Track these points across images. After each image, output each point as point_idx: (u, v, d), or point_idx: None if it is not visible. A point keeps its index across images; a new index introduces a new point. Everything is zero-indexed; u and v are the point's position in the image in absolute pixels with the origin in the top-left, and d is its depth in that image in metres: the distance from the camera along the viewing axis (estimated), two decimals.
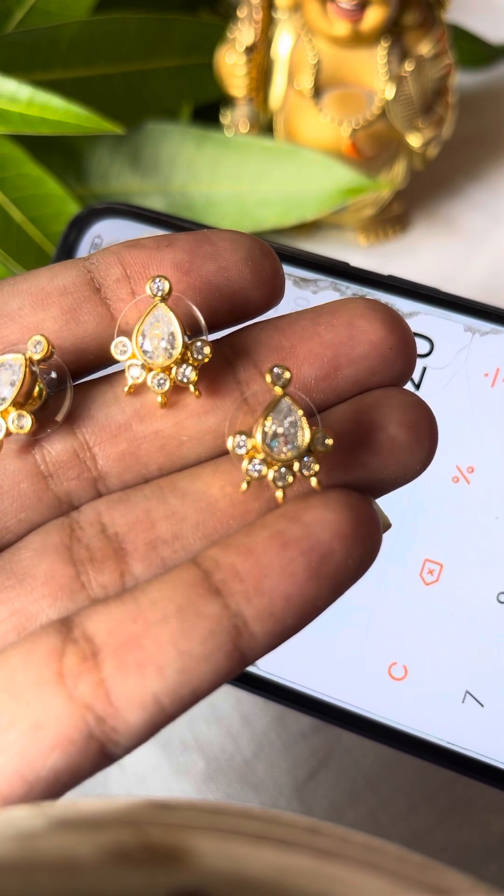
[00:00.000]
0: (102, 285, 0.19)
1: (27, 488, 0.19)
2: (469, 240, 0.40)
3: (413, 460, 0.18)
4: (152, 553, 0.18)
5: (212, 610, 0.16)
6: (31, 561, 0.18)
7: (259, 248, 0.19)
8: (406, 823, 0.29)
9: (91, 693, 0.16)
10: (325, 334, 0.19)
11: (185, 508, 0.18)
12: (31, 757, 0.16)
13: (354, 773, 0.30)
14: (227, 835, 0.13)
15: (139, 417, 0.19)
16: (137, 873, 0.12)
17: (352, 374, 0.19)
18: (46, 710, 0.16)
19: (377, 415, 0.18)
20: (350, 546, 0.17)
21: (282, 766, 0.30)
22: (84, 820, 0.13)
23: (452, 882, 0.12)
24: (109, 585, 0.18)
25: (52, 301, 0.19)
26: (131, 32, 0.35)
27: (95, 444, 0.19)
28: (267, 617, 0.16)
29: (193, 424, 0.19)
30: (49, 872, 0.12)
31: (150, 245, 0.19)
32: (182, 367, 0.18)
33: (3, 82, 0.30)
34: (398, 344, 0.19)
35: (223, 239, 0.19)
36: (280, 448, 0.17)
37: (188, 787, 0.30)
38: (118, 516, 0.19)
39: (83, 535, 0.19)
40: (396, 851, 0.13)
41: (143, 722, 0.16)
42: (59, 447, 0.19)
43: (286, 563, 0.17)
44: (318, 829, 0.13)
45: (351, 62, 0.34)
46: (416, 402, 0.19)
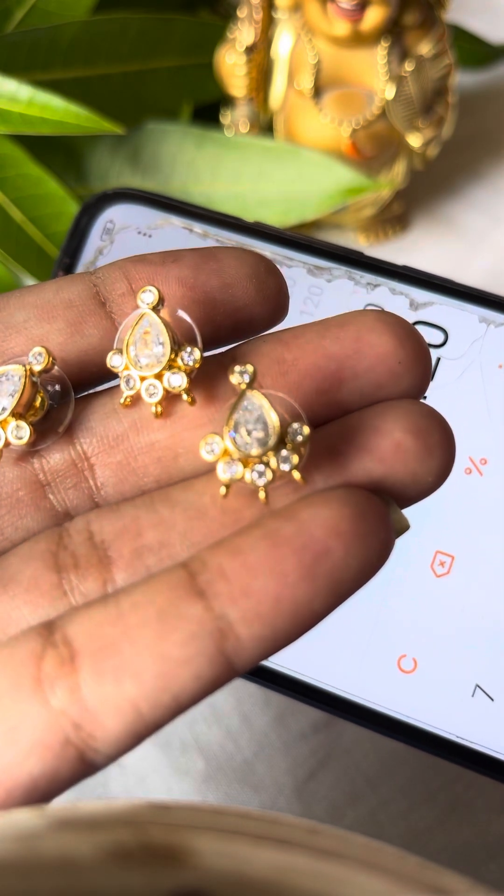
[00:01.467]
0: (108, 299, 0.19)
1: (25, 496, 0.19)
2: (469, 240, 0.40)
3: (423, 470, 0.17)
4: (137, 561, 0.18)
5: (193, 612, 0.16)
6: (17, 567, 0.18)
7: (264, 266, 0.19)
8: (406, 823, 0.29)
9: (67, 698, 0.16)
10: (331, 347, 0.18)
11: (175, 517, 0.18)
12: (7, 763, 0.15)
13: (354, 773, 0.30)
14: (227, 835, 0.13)
15: (136, 429, 0.19)
16: (137, 873, 0.12)
17: (357, 388, 0.18)
18: (22, 716, 0.15)
19: (381, 420, 0.17)
20: (349, 544, 0.16)
21: (282, 766, 0.30)
22: (84, 820, 0.13)
23: (451, 882, 0.12)
24: (92, 593, 0.18)
25: (58, 314, 0.19)
26: (131, 32, 0.35)
27: (93, 455, 0.19)
28: (254, 619, 0.16)
29: (190, 436, 0.19)
30: (49, 872, 0.12)
31: (155, 260, 0.19)
32: (171, 373, 0.18)
33: (3, 82, 0.30)
34: (408, 358, 0.18)
35: (228, 256, 0.19)
36: (249, 444, 0.17)
37: (188, 787, 0.30)
38: (106, 524, 0.18)
39: (70, 542, 0.18)
40: (396, 851, 0.13)
41: (121, 729, 0.16)
42: (57, 457, 0.19)
43: (276, 563, 0.16)
44: (318, 830, 0.13)
45: (351, 62, 0.34)
46: (427, 411, 0.18)
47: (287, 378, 0.18)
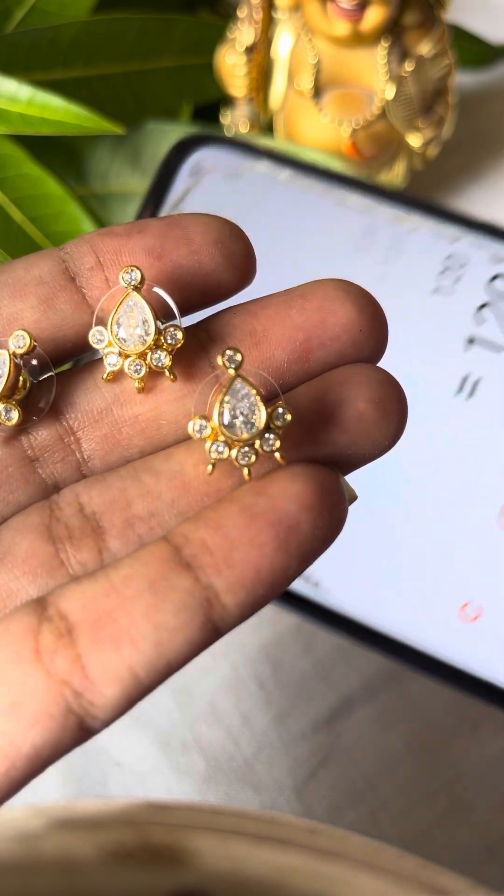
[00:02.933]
0: (77, 274, 0.20)
1: (14, 472, 0.19)
2: None
3: (381, 436, 0.19)
4: (129, 530, 0.19)
5: (183, 583, 0.17)
6: (12, 540, 0.19)
7: (229, 230, 0.20)
8: (406, 823, 0.29)
9: (68, 668, 0.16)
10: (297, 317, 0.19)
11: (160, 487, 0.19)
12: (12, 735, 0.16)
13: (354, 773, 0.30)
14: (227, 835, 0.13)
15: (119, 403, 0.20)
16: (137, 873, 0.12)
17: (323, 357, 0.19)
18: (24, 688, 0.16)
19: (344, 391, 0.18)
20: (316, 517, 0.17)
21: (282, 766, 0.30)
22: (84, 820, 0.13)
23: (450, 883, 0.12)
24: (88, 562, 0.18)
25: (29, 291, 0.20)
26: (131, 32, 0.35)
27: (79, 429, 0.20)
28: (238, 588, 0.17)
29: (171, 408, 0.19)
30: (49, 872, 0.12)
31: (121, 232, 0.20)
32: (156, 352, 0.19)
33: (3, 82, 0.30)
34: (369, 325, 0.19)
35: (193, 222, 0.20)
36: (239, 428, 0.18)
37: (188, 787, 0.30)
38: (95, 496, 0.19)
39: (61, 514, 0.19)
40: (395, 852, 0.13)
41: (120, 695, 0.16)
42: (44, 433, 0.19)
43: (254, 536, 0.17)
44: (317, 830, 0.13)
45: (351, 62, 0.34)
46: (385, 379, 0.19)
47: (259, 349, 0.19)
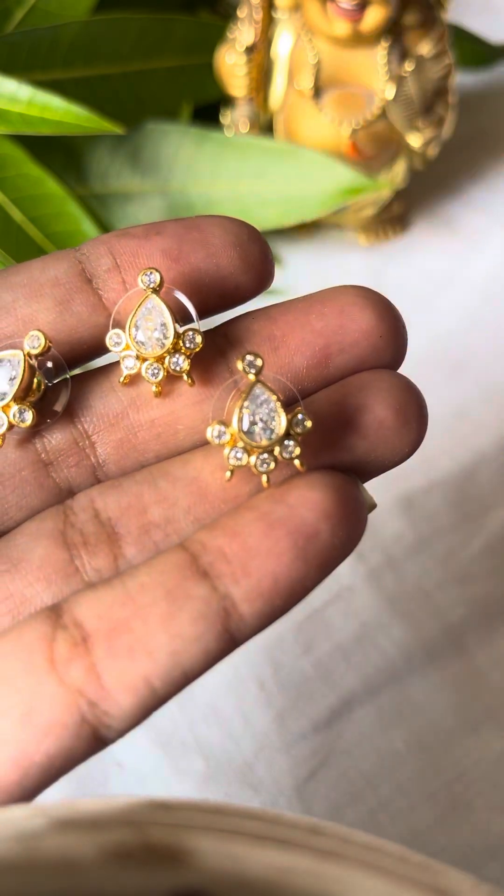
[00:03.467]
0: (94, 275, 0.20)
1: (28, 476, 0.19)
2: (469, 240, 0.40)
3: (401, 443, 0.18)
4: (145, 537, 0.18)
5: (200, 592, 0.16)
6: (26, 546, 0.19)
7: (247, 233, 0.20)
8: (406, 823, 0.29)
9: (83, 678, 0.16)
10: (317, 323, 0.19)
11: (177, 493, 0.19)
12: (25, 744, 0.16)
13: (354, 773, 0.30)
14: (227, 835, 0.13)
15: (135, 407, 0.19)
16: (138, 873, 0.12)
17: (342, 362, 0.19)
18: (39, 697, 0.16)
19: (364, 397, 0.18)
20: (335, 525, 0.17)
21: (282, 766, 0.30)
22: (84, 820, 0.13)
23: (453, 882, 0.12)
24: (103, 569, 0.18)
25: (45, 292, 0.19)
26: (131, 32, 0.35)
27: (94, 433, 0.19)
28: (255, 598, 0.17)
29: (188, 413, 0.19)
30: (49, 872, 0.12)
31: (138, 234, 0.20)
32: (175, 356, 0.19)
33: (3, 82, 0.30)
34: (389, 332, 0.19)
35: (211, 225, 0.20)
36: (258, 435, 0.18)
37: (188, 787, 0.30)
38: (111, 501, 0.19)
39: (76, 520, 0.19)
40: (397, 851, 0.13)
41: (135, 705, 0.16)
42: (58, 436, 0.19)
43: (273, 544, 0.17)
44: (318, 829, 0.13)
45: (351, 62, 0.34)
46: (405, 385, 0.19)
47: (278, 354, 0.19)
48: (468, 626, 0.32)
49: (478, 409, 0.36)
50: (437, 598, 0.32)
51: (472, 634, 0.32)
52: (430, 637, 0.32)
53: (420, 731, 0.30)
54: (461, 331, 0.37)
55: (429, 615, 0.32)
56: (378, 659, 0.31)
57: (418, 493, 0.34)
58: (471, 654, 0.31)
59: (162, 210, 0.36)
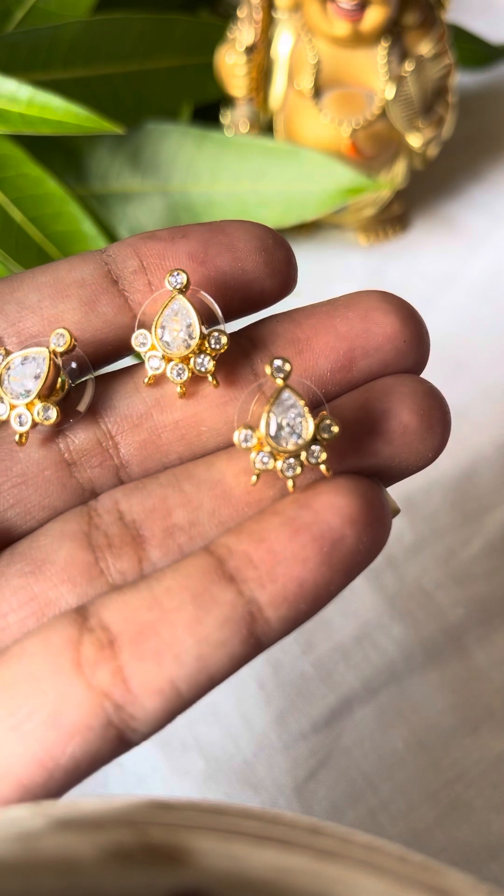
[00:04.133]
0: (120, 277, 0.20)
1: (52, 476, 0.19)
2: (469, 240, 0.40)
3: (425, 448, 0.18)
4: (169, 540, 0.18)
5: (227, 597, 0.17)
6: (50, 547, 0.19)
7: (272, 238, 0.20)
8: (406, 823, 0.29)
9: (109, 681, 0.16)
10: (341, 327, 0.19)
11: (201, 496, 0.19)
12: (51, 745, 0.16)
13: (354, 773, 0.30)
14: (227, 835, 0.13)
15: (160, 407, 0.19)
16: (137, 873, 0.12)
17: (366, 367, 0.19)
18: (65, 699, 0.16)
19: (389, 402, 0.18)
20: (361, 531, 0.17)
21: (282, 766, 0.30)
22: (84, 820, 0.13)
23: (453, 882, 0.12)
24: (128, 571, 0.18)
25: (71, 293, 0.19)
26: (131, 32, 0.35)
27: (118, 433, 0.19)
28: (281, 602, 0.17)
29: (212, 415, 0.19)
30: (49, 872, 0.12)
31: (165, 237, 0.20)
32: (200, 356, 0.19)
33: (3, 82, 0.30)
34: (412, 336, 0.19)
35: (237, 229, 0.20)
36: (285, 439, 0.18)
37: (188, 787, 0.30)
38: (135, 504, 0.19)
39: (101, 522, 0.19)
40: (397, 851, 0.13)
41: (161, 708, 0.16)
42: (82, 436, 0.19)
43: (298, 549, 0.17)
44: (318, 829, 0.13)
45: (351, 62, 0.34)
46: (429, 390, 0.19)
47: (302, 357, 0.19)
48: (468, 626, 0.32)
49: (478, 409, 0.36)
50: (437, 598, 0.32)
51: (472, 634, 0.32)
52: (430, 637, 0.32)
53: (420, 731, 0.30)
54: (461, 331, 0.37)
55: (429, 615, 0.32)
56: (378, 659, 0.31)
57: (418, 493, 0.34)
58: (471, 654, 0.31)
59: (162, 210, 0.36)
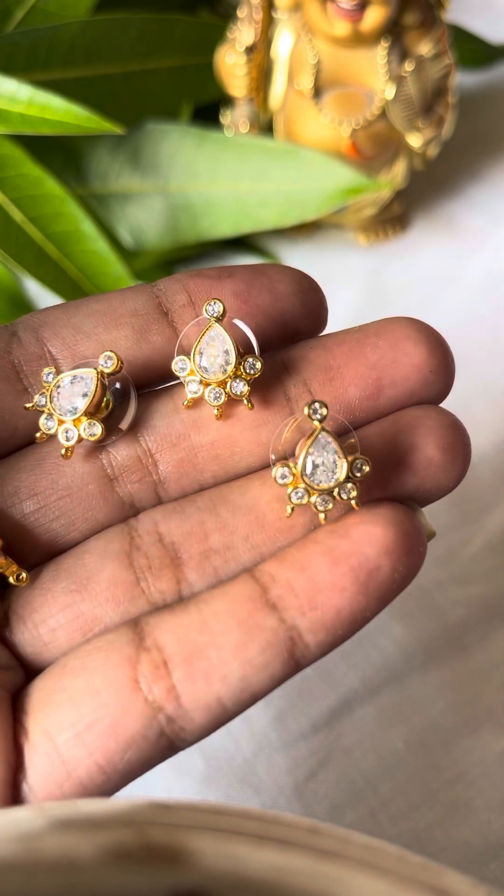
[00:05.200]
0: (170, 310, 0.21)
1: (94, 489, 0.21)
2: (469, 240, 0.40)
3: (447, 479, 0.20)
4: (205, 562, 0.20)
5: (270, 623, 0.18)
6: (95, 566, 0.20)
7: (308, 283, 0.21)
8: (406, 823, 0.29)
9: (164, 697, 0.18)
10: (371, 355, 0.20)
11: (236, 521, 0.20)
12: (110, 752, 0.18)
13: (354, 773, 0.30)
14: (227, 835, 0.13)
15: (197, 428, 0.21)
16: (137, 873, 0.12)
17: (393, 395, 0.20)
18: (125, 712, 0.18)
19: (415, 436, 0.19)
20: (396, 560, 0.18)
21: (282, 766, 0.30)
22: (84, 820, 0.13)
23: (452, 882, 0.12)
24: (167, 591, 0.20)
25: (125, 321, 0.21)
26: (131, 32, 0.35)
27: (157, 451, 0.21)
28: (319, 629, 0.18)
29: (245, 437, 0.21)
30: (50, 872, 0.12)
31: (212, 275, 0.21)
32: (235, 381, 0.20)
33: (3, 82, 0.30)
34: (439, 366, 0.20)
35: (277, 273, 0.21)
36: (320, 479, 0.19)
37: (188, 787, 0.30)
38: (174, 526, 0.20)
39: (142, 542, 0.20)
40: (396, 852, 0.13)
41: (208, 721, 0.18)
42: (124, 453, 0.21)
43: (337, 579, 0.18)
44: (318, 830, 0.13)
45: (351, 62, 0.34)
46: (453, 423, 0.20)
47: (333, 385, 0.20)
48: (468, 626, 0.32)
49: (477, 408, 0.36)
50: (437, 598, 0.32)
51: (472, 634, 0.32)
52: (430, 637, 0.32)
53: (420, 730, 0.30)
54: (461, 330, 0.37)
55: (429, 615, 0.32)
56: (378, 659, 0.31)
57: None
58: (471, 653, 0.31)
59: (162, 210, 0.36)
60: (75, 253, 0.33)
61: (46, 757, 0.18)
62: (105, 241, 0.32)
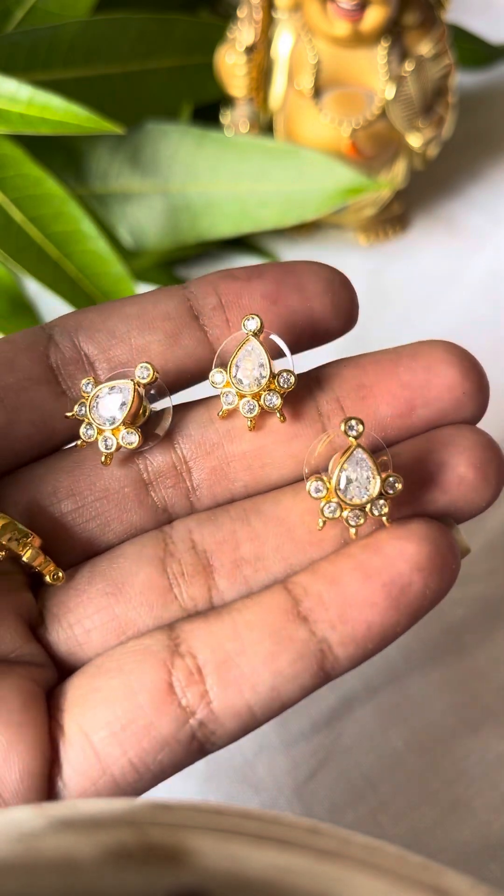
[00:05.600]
0: (200, 313, 0.21)
1: (130, 493, 0.21)
2: (469, 240, 0.40)
3: (479, 498, 0.20)
4: (236, 571, 0.20)
5: (301, 635, 0.19)
6: (129, 570, 0.20)
7: (339, 280, 0.22)
8: (406, 823, 0.29)
9: (196, 702, 0.18)
10: (404, 375, 0.20)
11: (267, 532, 0.20)
12: (144, 752, 0.18)
13: (354, 773, 0.30)
14: (226, 835, 0.13)
15: (230, 438, 0.21)
16: (137, 873, 0.12)
17: (426, 415, 0.20)
18: (159, 714, 0.18)
19: (448, 454, 0.20)
20: (428, 577, 0.18)
21: (282, 766, 0.30)
22: (85, 820, 0.13)
23: (452, 882, 0.12)
24: (198, 598, 0.20)
25: (157, 325, 0.21)
26: (131, 32, 0.35)
27: (191, 459, 0.21)
28: (349, 642, 0.18)
29: (277, 449, 0.21)
30: (50, 872, 0.12)
31: (241, 276, 0.21)
32: (269, 393, 0.21)
33: (3, 82, 0.30)
34: (472, 389, 0.20)
35: (307, 271, 0.21)
36: (353, 494, 0.19)
37: (188, 787, 0.30)
38: (207, 535, 0.21)
39: (175, 549, 0.21)
40: (396, 852, 0.13)
41: (238, 726, 0.19)
42: (160, 459, 0.21)
43: (368, 594, 0.18)
44: (318, 830, 0.13)
45: (351, 62, 0.34)
46: (487, 442, 0.20)
47: (365, 402, 0.21)
48: (468, 626, 0.32)
49: None
50: None
51: (472, 634, 0.32)
52: (430, 637, 0.32)
53: (420, 730, 0.30)
54: (461, 330, 0.37)
55: (429, 615, 0.32)
56: (378, 659, 0.31)
57: None
58: (471, 653, 0.31)
59: (162, 210, 0.36)
60: (75, 253, 0.33)
61: (82, 753, 0.18)
62: (105, 241, 0.32)
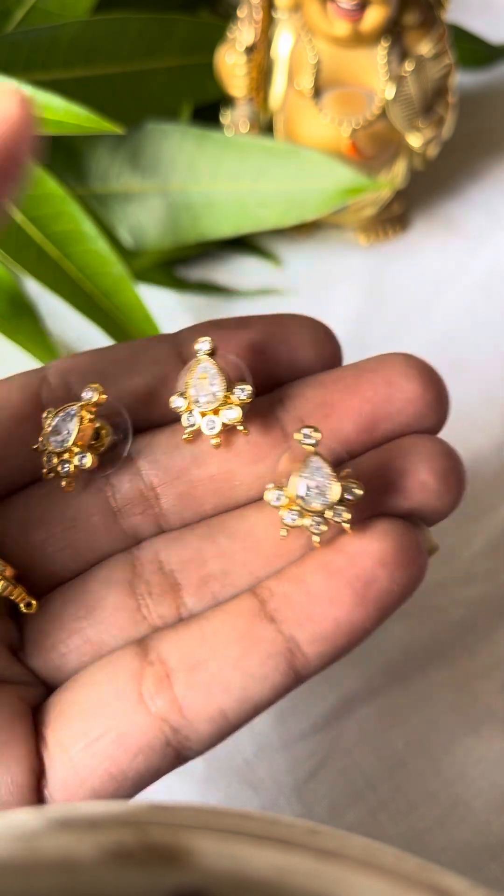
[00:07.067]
0: (189, 358, 0.21)
1: (99, 521, 0.21)
2: (469, 240, 0.40)
3: (441, 505, 0.20)
4: (204, 588, 0.20)
5: (268, 635, 0.19)
6: (99, 593, 0.21)
7: (324, 332, 0.22)
8: (406, 823, 0.29)
9: (167, 708, 0.18)
10: (366, 391, 0.21)
11: (234, 548, 0.20)
12: (119, 761, 0.18)
13: (354, 773, 0.30)
14: (227, 835, 0.13)
15: (197, 463, 0.21)
16: (138, 873, 0.12)
17: (388, 428, 0.20)
18: (130, 723, 0.18)
19: (408, 462, 0.20)
20: (393, 572, 0.19)
21: (282, 766, 0.30)
22: (84, 820, 0.13)
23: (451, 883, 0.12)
24: (167, 616, 0.20)
25: (147, 369, 0.22)
26: (131, 32, 0.35)
27: (159, 485, 0.21)
28: (318, 640, 0.18)
29: (244, 471, 0.21)
30: (50, 872, 0.12)
31: (230, 325, 0.22)
32: (227, 408, 0.21)
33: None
34: (433, 400, 0.20)
35: (293, 324, 0.22)
36: (313, 500, 0.19)
37: (188, 787, 0.30)
38: (173, 554, 0.21)
39: (143, 570, 0.21)
40: (396, 852, 0.13)
41: (212, 731, 0.19)
42: (127, 486, 0.21)
43: (334, 591, 0.18)
44: (318, 830, 0.13)
45: (351, 62, 0.34)
46: (446, 451, 0.20)
47: (329, 420, 0.21)
48: (468, 626, 0.32)
49: (478, 408, 0.36)
50: (438, 598, 0.32)
51: (473, 634, 0.32)
52: (431, 637, 0.32)
53: (420, 730, 0.30)
54: (461, 331, 0.37)
55: (429, 615, 0.32)
56: (378, 659, 0.31)
57: None
58: (471, 653, 0.31)
59: (162, 210, 0.36)
60: (75, 253, 0.33)
61: (62, 766, 0.18)
62: (105, 241, 0.32)
